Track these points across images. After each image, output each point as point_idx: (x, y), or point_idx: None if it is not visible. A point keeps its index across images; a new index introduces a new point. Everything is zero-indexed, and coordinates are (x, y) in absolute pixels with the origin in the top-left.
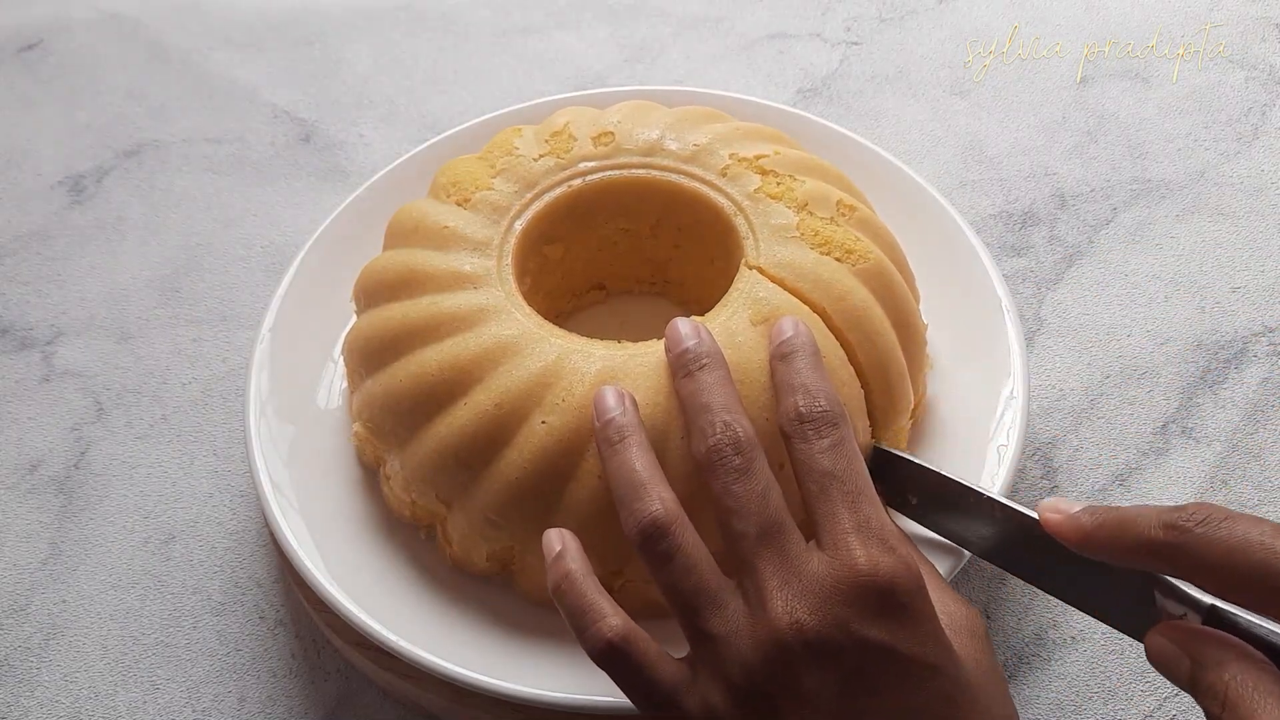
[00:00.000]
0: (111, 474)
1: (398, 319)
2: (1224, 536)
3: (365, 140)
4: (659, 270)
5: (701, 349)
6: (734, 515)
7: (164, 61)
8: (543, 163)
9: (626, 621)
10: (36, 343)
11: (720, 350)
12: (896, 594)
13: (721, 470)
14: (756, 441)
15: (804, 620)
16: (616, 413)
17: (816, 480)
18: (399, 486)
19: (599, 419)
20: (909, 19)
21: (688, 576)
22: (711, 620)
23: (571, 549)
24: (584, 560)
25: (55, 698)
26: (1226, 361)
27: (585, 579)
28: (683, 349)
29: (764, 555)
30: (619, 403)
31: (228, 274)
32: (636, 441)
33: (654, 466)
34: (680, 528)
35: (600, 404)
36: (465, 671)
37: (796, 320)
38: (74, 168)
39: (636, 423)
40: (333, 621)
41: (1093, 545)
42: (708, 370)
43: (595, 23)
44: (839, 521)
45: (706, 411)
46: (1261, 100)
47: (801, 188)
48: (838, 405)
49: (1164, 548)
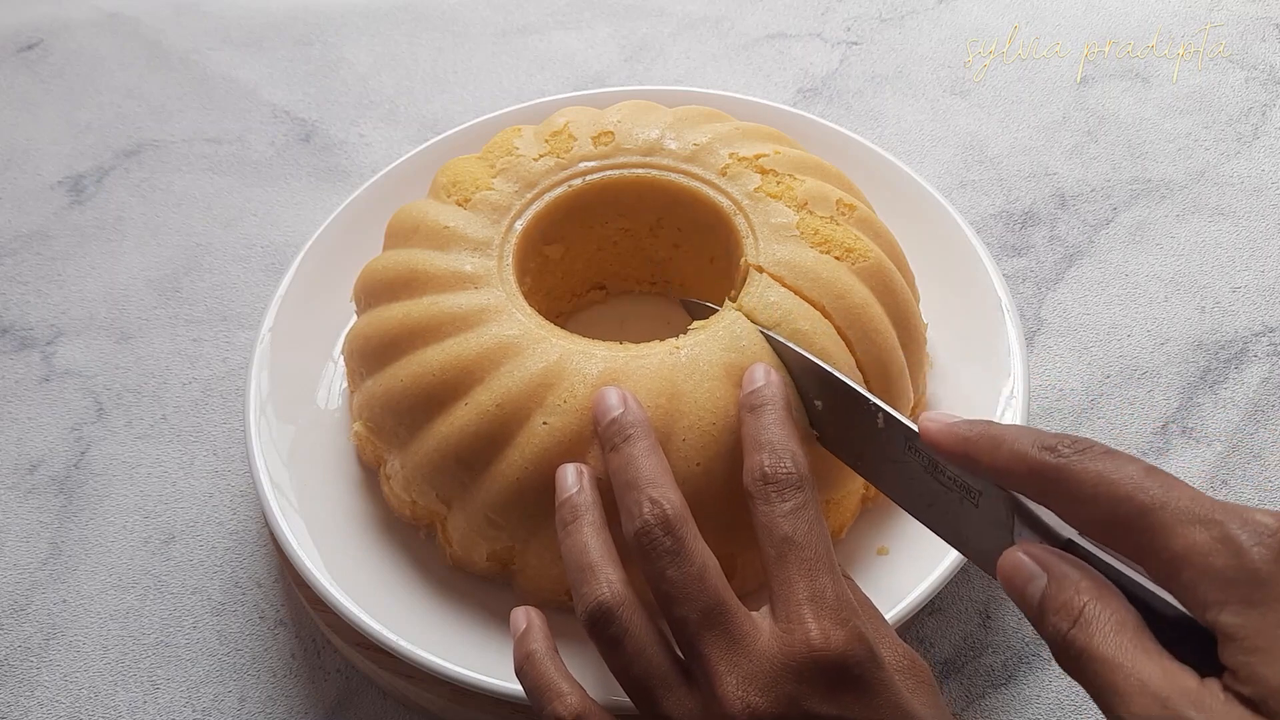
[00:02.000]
0: (111, 474)
1: (398, 319)
2: (1097, 469)
3: (365, 140)
4: (659, 270)
5: (627, 418)
6: (673, 602)
7: (164, 61)
8: (543, 163)
9: (584, 700)
10: (36, 343)
11: (646, 419)
12: (849, 668)
13: (653, 554)
14: (686, 515)
15: (756, 703)
16: (573, 491)
17: (775, 545)
18: (399, 486)
19: (559, 491)
20: (909, 19)
21: (638, 660)
22: (665, 704)
23: (536, 626)
24: (547, 639)
25: (55, 698)
26: (1226, 361)
27: (546, 658)
28: (609, 420)
29: (709, 639)
30: (576, 479)
31: (228, 274)
32: (589, 521)
33: (606, 546)
34: (628, 610)
35: (560, 480)
36: (465, 671)
37: (768, 369)
38: (74, 168)
39: (593, 501)
40: (333, 621)
41: (969, 456)
42: (632, 441)
43: (595, 22)
44: (794, 591)
45: (633, 489)
46: (1261, 100)
47: (801, 187)
48: (803, 467)
49: (1038, 468)
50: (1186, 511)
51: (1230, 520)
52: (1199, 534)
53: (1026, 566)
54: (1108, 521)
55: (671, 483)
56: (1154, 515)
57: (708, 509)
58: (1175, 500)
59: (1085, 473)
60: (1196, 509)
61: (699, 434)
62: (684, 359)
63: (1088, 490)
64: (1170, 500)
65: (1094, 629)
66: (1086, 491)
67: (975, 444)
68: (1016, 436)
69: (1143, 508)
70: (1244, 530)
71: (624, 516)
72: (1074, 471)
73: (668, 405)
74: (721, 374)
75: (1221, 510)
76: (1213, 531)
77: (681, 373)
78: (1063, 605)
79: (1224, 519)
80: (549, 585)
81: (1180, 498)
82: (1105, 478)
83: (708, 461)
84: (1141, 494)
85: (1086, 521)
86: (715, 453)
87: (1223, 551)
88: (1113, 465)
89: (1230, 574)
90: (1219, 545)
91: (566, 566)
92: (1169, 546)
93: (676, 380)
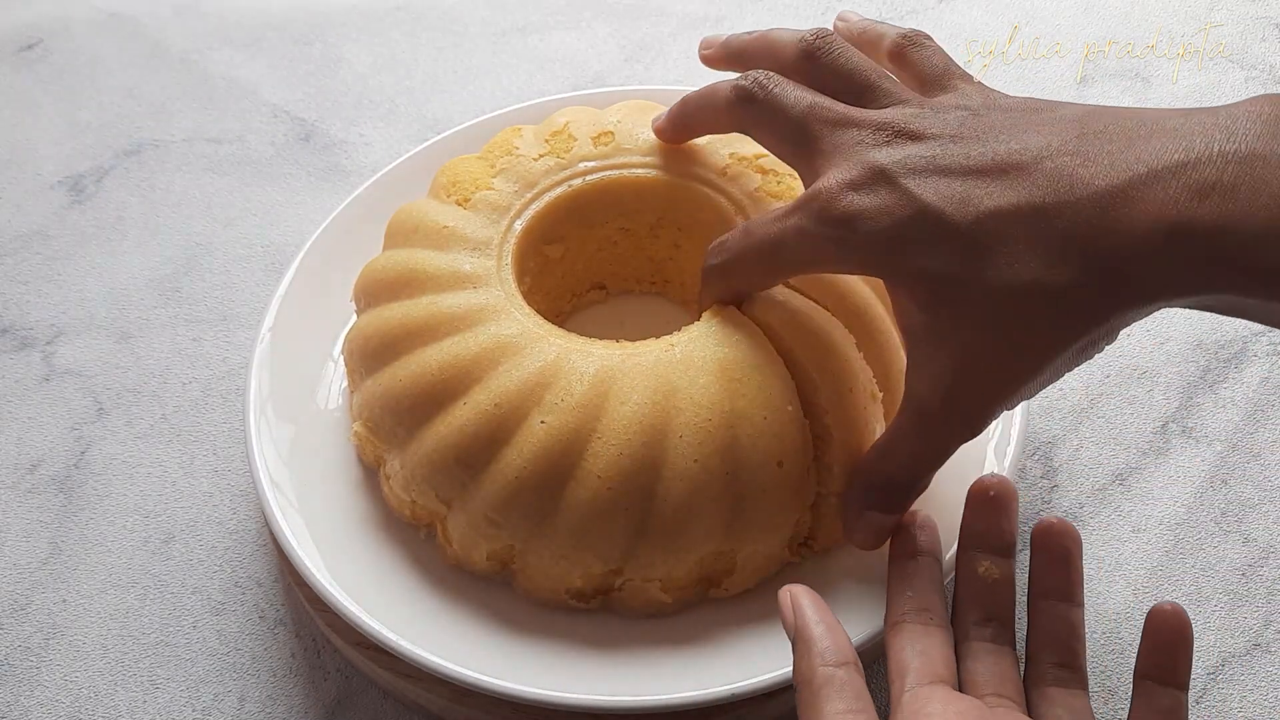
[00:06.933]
0: (111, 474)
1: (398, 319)
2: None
3: (365, 140)
4: (659, 270)
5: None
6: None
7: (164, 61)
8: (543, 162)
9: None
10: (36, 343)
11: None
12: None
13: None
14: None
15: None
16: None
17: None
18: (399, 486)
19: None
20: (909, 19)
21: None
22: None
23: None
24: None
25: (55, 698)
26: (1226, 361)
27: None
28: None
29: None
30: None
31: (228, 274)
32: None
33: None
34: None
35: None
36: (465, 671)
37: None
38: (74, 168)
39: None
40: (333, 621)
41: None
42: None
43: (595, 22)
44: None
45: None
46: None
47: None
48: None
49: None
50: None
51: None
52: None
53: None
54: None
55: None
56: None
57: (706, 505)
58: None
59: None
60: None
61: (695, 430)
62: (679, 356)
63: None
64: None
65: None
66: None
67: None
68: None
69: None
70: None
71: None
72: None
73: (664, 403)
74: (716, 370)
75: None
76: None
77: (677, 370)
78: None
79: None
80: (549, 585)
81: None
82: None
83: (705, 458)
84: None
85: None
86: (712, 449)
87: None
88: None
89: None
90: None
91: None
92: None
93: (672, 378)
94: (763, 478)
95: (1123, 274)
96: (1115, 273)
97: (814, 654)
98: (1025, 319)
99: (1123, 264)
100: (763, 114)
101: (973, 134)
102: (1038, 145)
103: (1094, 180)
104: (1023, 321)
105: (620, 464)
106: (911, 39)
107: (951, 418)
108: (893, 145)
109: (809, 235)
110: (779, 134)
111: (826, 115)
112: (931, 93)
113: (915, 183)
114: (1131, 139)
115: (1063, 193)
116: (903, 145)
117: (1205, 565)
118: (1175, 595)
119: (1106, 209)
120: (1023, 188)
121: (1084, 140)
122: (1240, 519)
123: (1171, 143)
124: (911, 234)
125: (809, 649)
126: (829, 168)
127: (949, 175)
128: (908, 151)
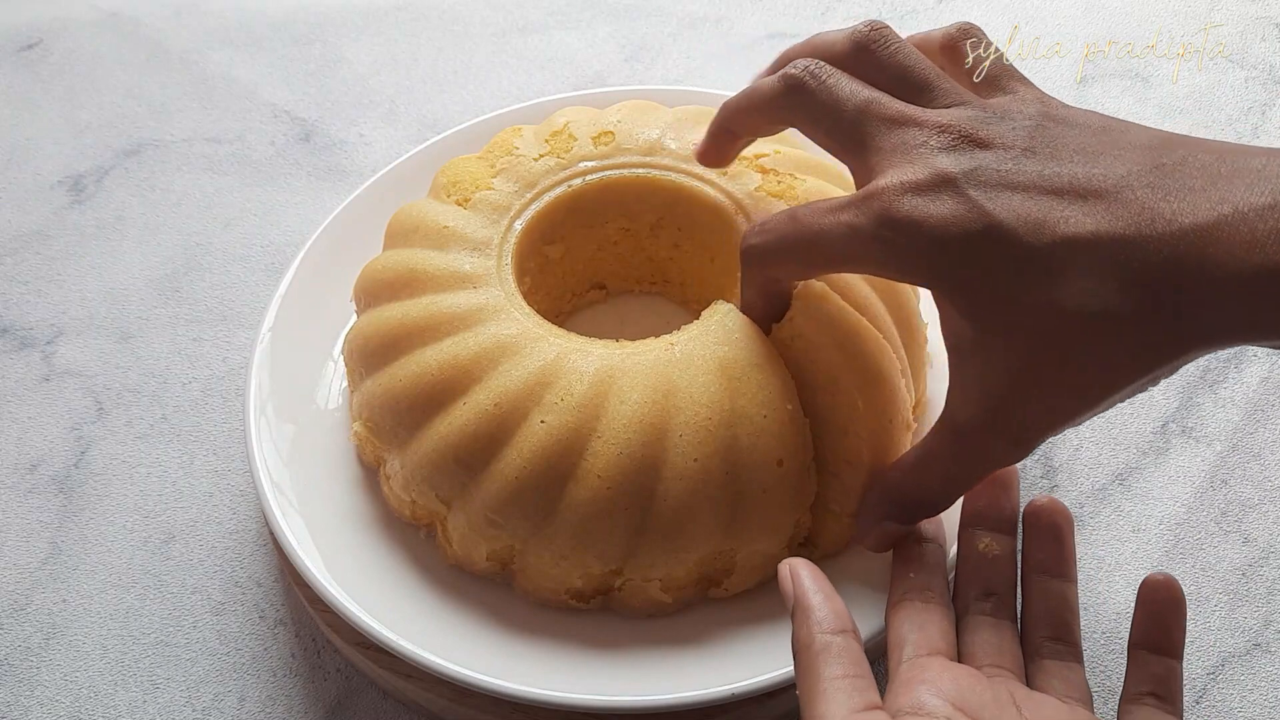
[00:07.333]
0: (111, 474)
1: (397, 319)
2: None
3: (365, 140)
4: (659, 270)
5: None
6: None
7: (164, 61)
8: (543, 162)
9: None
10: (36, 343)
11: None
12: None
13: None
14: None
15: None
16: None
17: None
18: (399, 486)
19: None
20: (909, 19)
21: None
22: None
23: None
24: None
25: (55, 698)
26: (1226, 361)
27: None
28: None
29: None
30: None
31: (228, 274)
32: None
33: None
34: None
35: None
36: (465, 671)
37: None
38: (74, 168)
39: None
40: (333, 621)
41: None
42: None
43: (595, 22)
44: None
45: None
46: (1261, 100)
47: (802, 186)
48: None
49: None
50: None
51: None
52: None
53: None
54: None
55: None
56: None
57: (705, 505)
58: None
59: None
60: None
61: (695, 429)
62: (678, 355)
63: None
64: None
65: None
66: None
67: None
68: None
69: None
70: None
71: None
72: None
73: (664, 402)
74: (716, 369)
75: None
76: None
77: (676, 369)
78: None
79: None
80: (549, 585)
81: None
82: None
83: (705, 458)
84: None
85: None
86: (712, 449)
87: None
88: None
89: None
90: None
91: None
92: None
93: (672, 376)
94: (762, 477)
95: (1203, 313)
96: (1195, 311)
97: (812, 621)
98: (1094, 348)
99: (1204, 303)
100: (814, 105)
101: (1045, 149)
102: (1117, 173)
103: (1177, 217)
104: (1091, 351)
105: (620, 464)
106: (967, 31)
107: (995, 438)
108: (959, 151)
109: (861, 234)
110: (831, 128)
111: (884, 112)
112: (987, 93)
113: (987, 196)
114: (1213, 177)
115: (1144, 226)
116: (970, 152)
117: (1205, 565)
118: None
119: (1190, 247)
120: (1102, 216)
121: (1162, 173)
122: (1240, 519)
123: (1258, 184)
124: (978, 249)
125: (807, 616)
126: (888, 167)
127: (1023, 192)
128: (977, 161)
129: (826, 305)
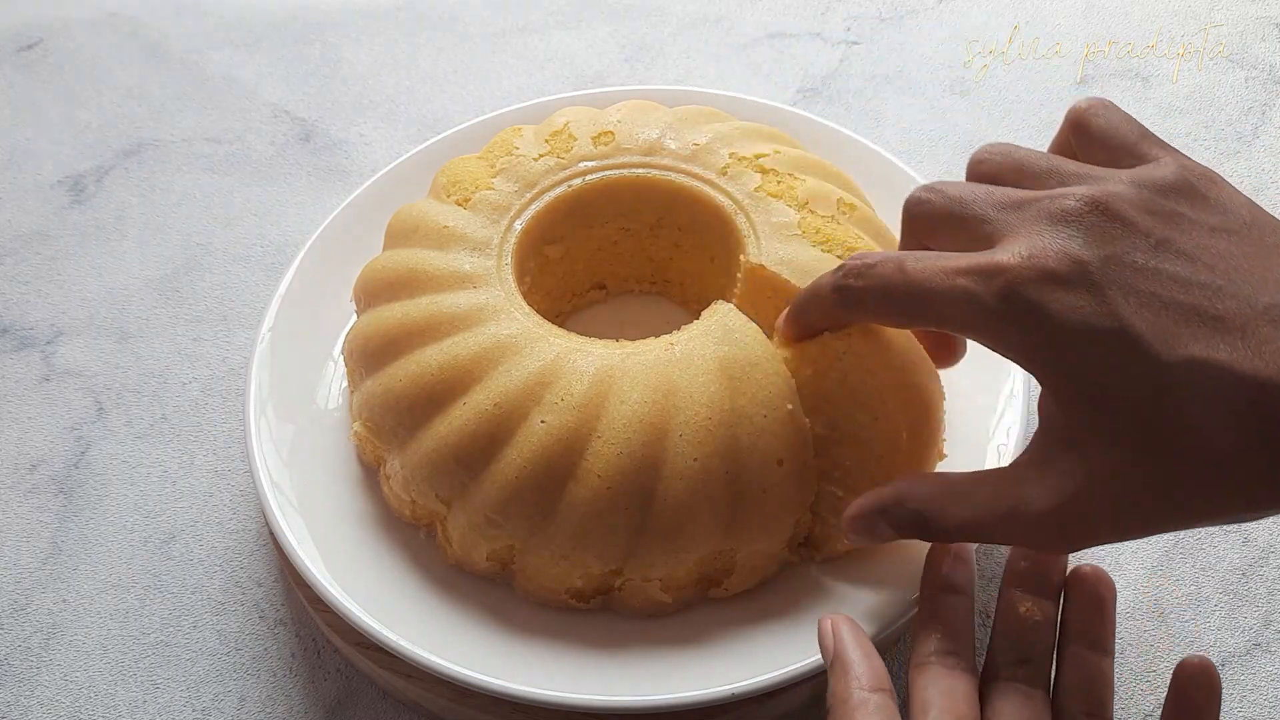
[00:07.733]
0: (111, 474)
1: (397, 319)
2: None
3: (365, 140)
4: (659, 270)
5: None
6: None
7: (164, 61)
8: (543, 162)
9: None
10: (36, 343)
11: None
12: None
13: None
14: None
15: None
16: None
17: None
18: (399, 486)
19: None
20: (909, 19)
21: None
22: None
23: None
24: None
25: (55, 698)
26: None
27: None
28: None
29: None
30: None
31: (228, 274)
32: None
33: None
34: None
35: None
36: (465, 671)
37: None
38: (74, 168)
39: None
40: (333, 621)
41: (800, 330)
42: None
43: (595, 22)
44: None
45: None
46: (1261, 100)
47: (802, 186)
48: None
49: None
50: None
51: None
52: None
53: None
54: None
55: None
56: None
57: (705, 504)
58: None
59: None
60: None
61: (695, 429)
62: (679, 355)
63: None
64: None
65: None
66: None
67: (797, 323)
68: (818, 282)
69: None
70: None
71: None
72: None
73: (664, 402)
74: (716, 369)
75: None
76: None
77: (676, 369)
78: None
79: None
80: (549, 585)
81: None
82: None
83: (705, 458)
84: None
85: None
86: (713, 449)
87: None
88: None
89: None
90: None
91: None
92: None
93: (672, 376)
94: (762, 476)
95: None
96: None
97: (851, 677)
98: (1194, 479)
99: None
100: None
101: (1189, 246)
102: (1264, 303)
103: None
104: (1190, 481)
105: (620, 464)
106: (1094, 106)
107: (1049, 526)
108: (1091, 229)
109: (979, 305)
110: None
111: (1000, 199)
112: (1124, 162)
113: (1122, 297)
114: None
115: (1277, 374)
116: (1103, 230)
117: (1205, 565)
118: (1175, 595)
119: None
120: (1239, 348)
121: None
122: None
123: None
124: (1102, 348)
125: (846, 672)
126: (1011, 241)
127: (1157, 297)
128: (1113, 249)
129: (886, 329)
